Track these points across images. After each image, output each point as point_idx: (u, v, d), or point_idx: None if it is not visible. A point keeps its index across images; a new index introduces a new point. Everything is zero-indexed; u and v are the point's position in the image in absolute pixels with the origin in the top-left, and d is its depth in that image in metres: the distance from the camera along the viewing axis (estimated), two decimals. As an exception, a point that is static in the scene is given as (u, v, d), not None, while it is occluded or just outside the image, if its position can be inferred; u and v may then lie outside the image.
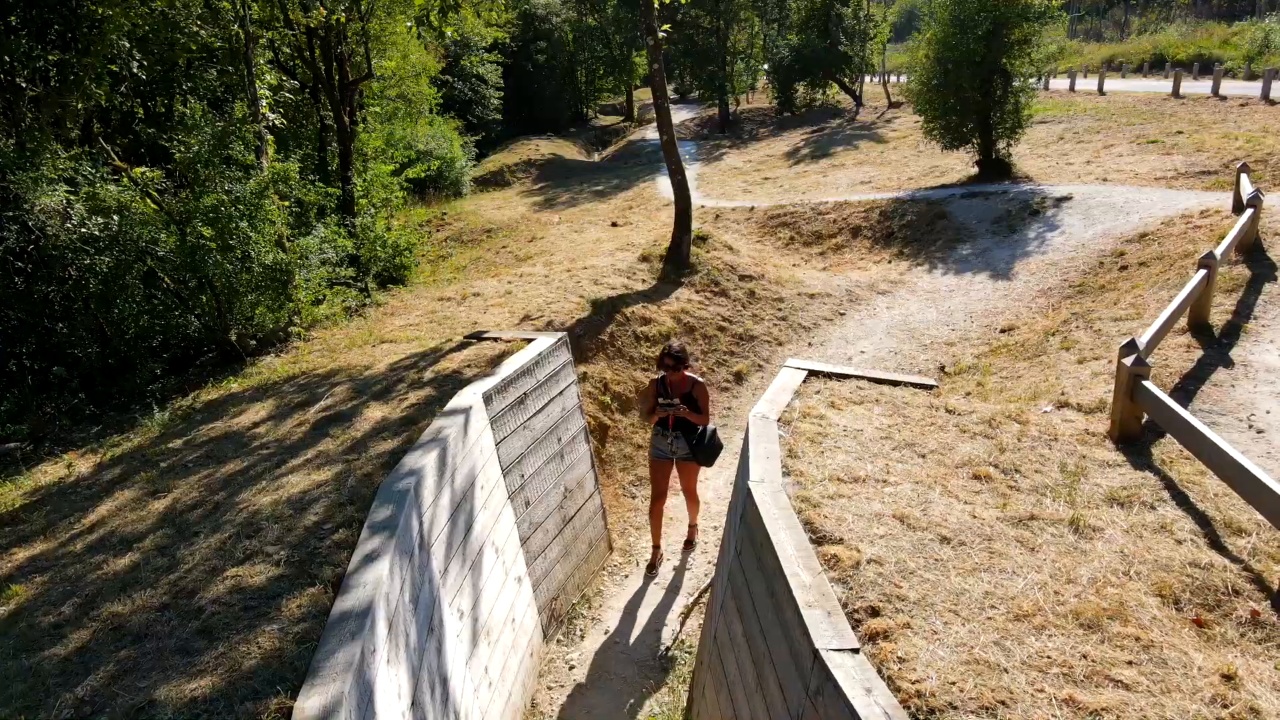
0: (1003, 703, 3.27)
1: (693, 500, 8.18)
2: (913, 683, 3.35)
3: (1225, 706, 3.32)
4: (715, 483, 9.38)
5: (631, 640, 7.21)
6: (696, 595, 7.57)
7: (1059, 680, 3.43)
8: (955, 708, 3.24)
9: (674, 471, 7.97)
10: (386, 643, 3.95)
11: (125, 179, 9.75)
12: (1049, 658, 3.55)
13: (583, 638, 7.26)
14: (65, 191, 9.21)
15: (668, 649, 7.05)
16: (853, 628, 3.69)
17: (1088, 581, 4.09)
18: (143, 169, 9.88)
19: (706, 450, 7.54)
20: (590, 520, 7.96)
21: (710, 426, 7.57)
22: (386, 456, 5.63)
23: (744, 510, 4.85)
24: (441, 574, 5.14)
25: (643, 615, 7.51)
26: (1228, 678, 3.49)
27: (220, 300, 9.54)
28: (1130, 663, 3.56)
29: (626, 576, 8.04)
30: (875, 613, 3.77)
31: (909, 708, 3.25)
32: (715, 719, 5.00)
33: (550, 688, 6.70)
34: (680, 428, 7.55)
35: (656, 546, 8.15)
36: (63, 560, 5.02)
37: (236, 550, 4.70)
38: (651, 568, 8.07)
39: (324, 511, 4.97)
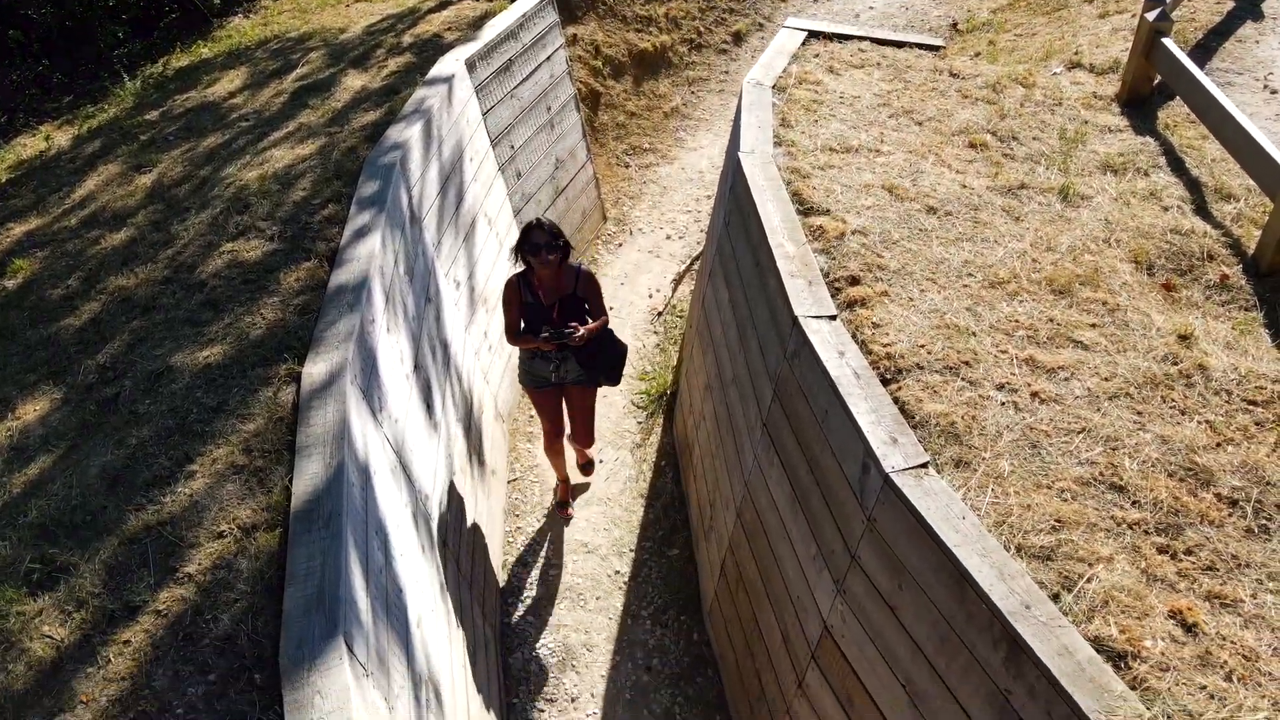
0: (966, 363, 3.48)
1: (586, 439, 5.54)
2: (884, 346, 3.54)
3: (1175, 364, 3.54)
4: (710, 151, 9.22)
5: (626, 305, 7.51)
6: (689, 262, 7.76)
7: (1023, 342, 3.62)
8: (921, 368, 3.46)
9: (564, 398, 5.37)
10: (385, 312, 4.13)
11: None
12: (1017, 322, 3.72)
13: (579, 304, 7.55)
14: None
15: (660, 313, 7.38)
16: (832, 296, 3.83)
17: (1067, 249, 4.17)
18: None
19: (609, 364, 5.02)
20: (583, 190, 7.93)
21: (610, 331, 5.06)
22: (369, 129, 5.47)
23: (734, 181, 4.82)
24: (435, 246, 5.23)
25: (636, 282, 7.76)
26: (1184, 338, 3.68)
27: (172, -48, 8.71)
28: (1093, 325, 3.73)
29: (620, 245, 8.19)
30: (855, 281, 3.89)
31: (878, 369, 3.47)
32: (702, 377, 5.37)
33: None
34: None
35: (564, 480, 5.84)
36: (59, 236, 5.08)
37: (229, 226, 4.74)
38: (563, 507, 5.85)
39: (311, 186, 4.93)
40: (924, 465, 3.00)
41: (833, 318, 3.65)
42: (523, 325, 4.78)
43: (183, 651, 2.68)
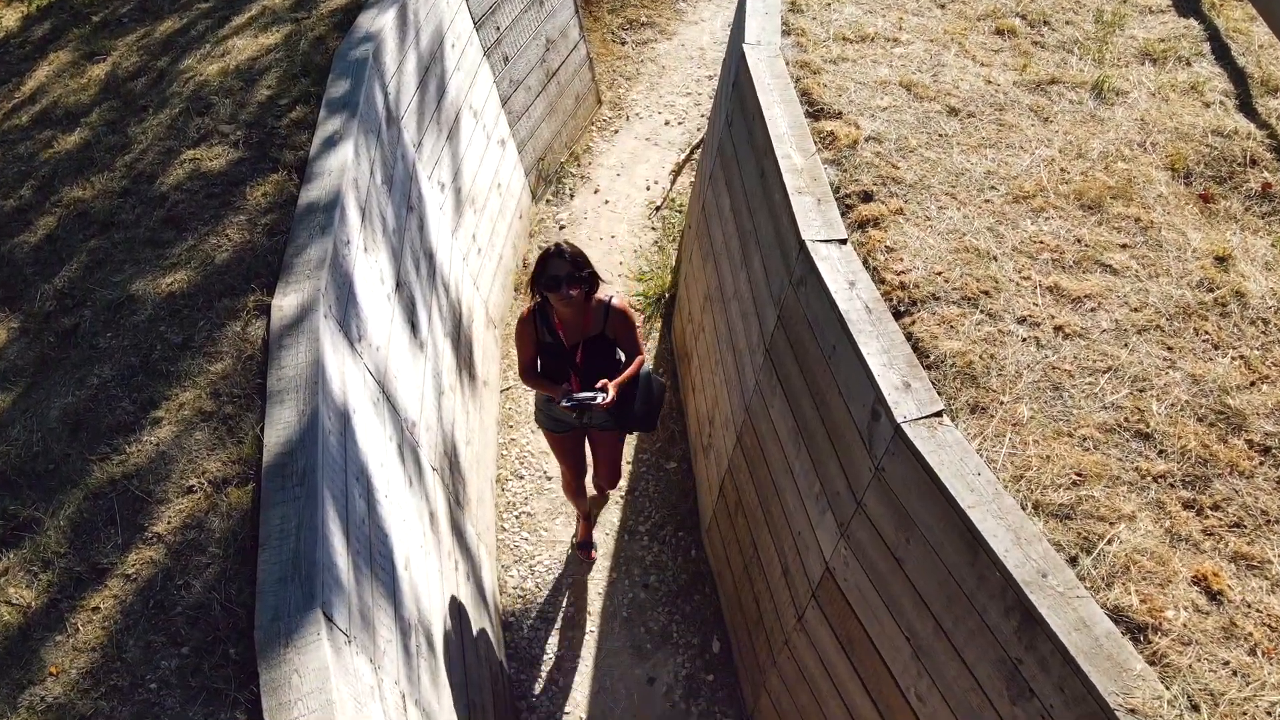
0: (986, 293, 3.23)
1: (611, 481, 4.76)
2: (897, 274, 3.28)
3: (1210, 291, 3.29)
4: (712, 25, 8.60)
5: (623, 198, 7.15)
6: (688, 151, 7.34)
7: (1047, 266, 3.35)
8: (937, 299, 3.21)
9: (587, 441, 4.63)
10: (361, 231, 3.83)
11: None
12: (1041, 243, 3.44)
13: (572, 197, 7.19)
14: None
15: (658, 207, 7.03)
16: (843, 214, 3.53)
17: (1098, 156, 3.84)
18: None
19: (644, 411, 4.11)
20: (576, 72, 7.41)
21: (645, 368, 4.10)
22: (339, 15, 4.98)
23: (737, 76, 4.41)
24: (415, 147, 4.86)
25: (633, 172, 7.36)
26: (1221, 259, 3.41)
27: None
28: (1124, 246, 3.46)
29: (616, 132, 7.74)
30: (868, 198, 3.58)
31: (891, 300, 3.21)
32: (701, 284, 5.10)
33: (541, 247, 6.78)
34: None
35: (585, 515, 5.07)
36: (10, 136, 4.72)
37: (189, 129, 4.37)
38: (585, 548, 5.07)
39: (276, 84, 4.52)
40: (938, 414, 2.80)
41: (843, 242, 3.37)
42: (540, 364, 4.03)
43: (154, 620, 2.56)
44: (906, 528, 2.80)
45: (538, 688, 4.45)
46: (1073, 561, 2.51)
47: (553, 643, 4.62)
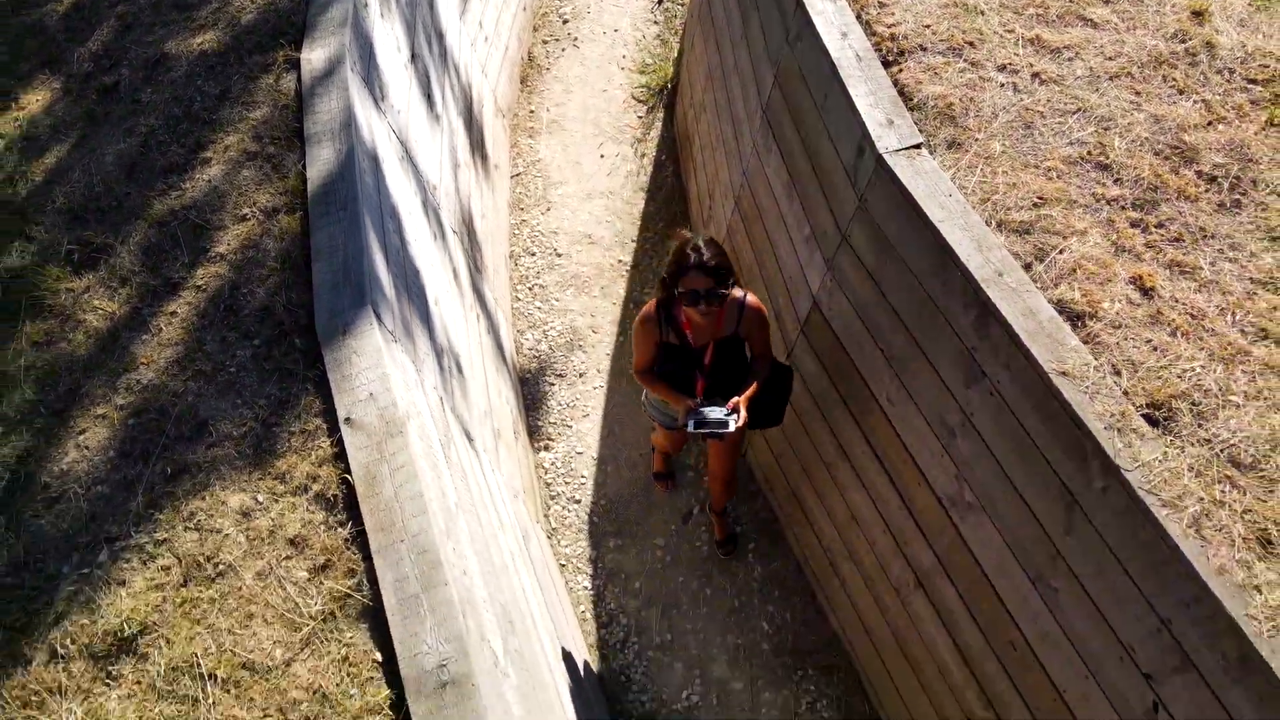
0: (970, 44, 3.44)
1: (728, 488, 4.40)
2: (888, 26, 3.48)
3: (1183, 42, 3.49)
4: None
5: (624, -8, 7.14)
6: (691, -57, 7.25)
7: (1031, 21, 3.54)
8: (924, 49, 3.42)
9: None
10: (377, -3, 3.99)
11: None
12: (1028, -2, 3.62)
13: (575, -9, 7.17)
14: None
15: (661, 1, 7.02)
16: (838, -29, 3.68)
17: (1095, -86, 3.93)
18: None
19: (770, 403, 3.59)
20: None
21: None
22: None
23: None
24: (421, -78, 4.90)
25: (635, -34, 7.30)
26: (1197, 14, 3.60)
27: None
28: (1106, 1, 3.63)
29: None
30: (864, -45, 3.72)
31: (880, 50, 3.43)
32: (703, 65, 5.26)
33: (545, 42, 6.85)
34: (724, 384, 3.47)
35: (665, 453, 4.73)
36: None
37: (198, -104, 4.43)
38: (661, 479, 4.82)
39: None
40: (917, 146, 3.08)
41: (838, -5, 3.54)
42: (659, 363, 3.47)
43: (226, 320, 2.94)
44: (885, 250, 3.14)
45: (553, 431, 4.95)
46: (1027, 268, 2.86)
47: (566, 395, 5.09)
